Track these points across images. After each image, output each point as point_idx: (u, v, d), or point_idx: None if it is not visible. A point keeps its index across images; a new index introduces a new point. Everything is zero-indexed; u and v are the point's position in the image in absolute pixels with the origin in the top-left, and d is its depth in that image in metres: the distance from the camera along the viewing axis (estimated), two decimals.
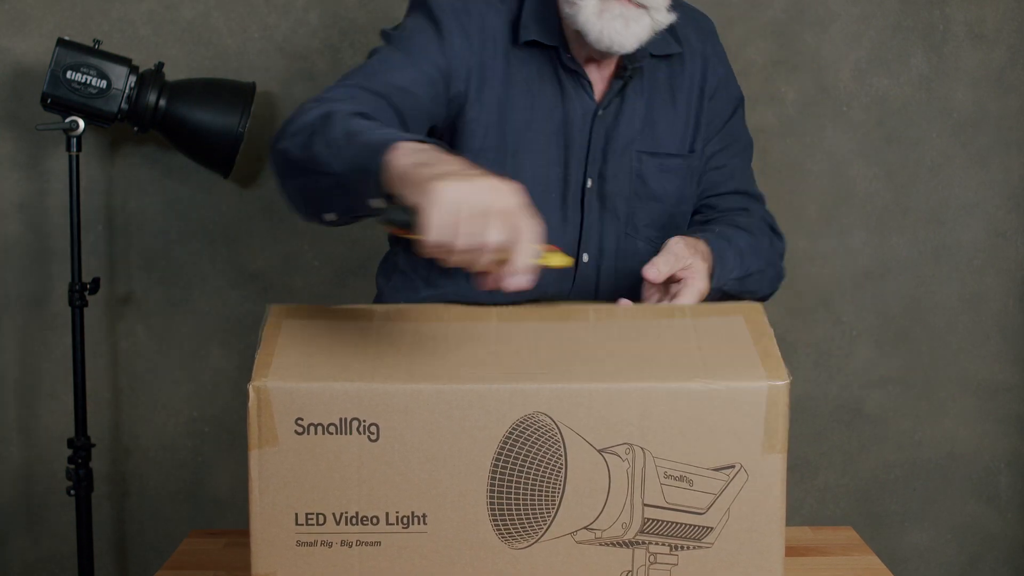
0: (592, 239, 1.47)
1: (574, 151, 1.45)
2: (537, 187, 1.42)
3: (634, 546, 1.05)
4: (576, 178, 1.45)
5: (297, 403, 1.03)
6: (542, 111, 1.44)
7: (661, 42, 1.45)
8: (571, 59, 1.43)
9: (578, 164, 1.45)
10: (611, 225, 1.47)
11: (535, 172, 1.44)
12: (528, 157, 1.43)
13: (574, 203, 1.46)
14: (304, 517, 1.04)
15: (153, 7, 2.34)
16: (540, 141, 1.44)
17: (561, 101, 1.44)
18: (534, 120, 1.44)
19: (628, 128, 1.46)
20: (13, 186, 2.38)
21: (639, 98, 1.47)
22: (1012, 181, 2.44)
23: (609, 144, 1.45)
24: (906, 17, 2.39)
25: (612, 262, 1.48)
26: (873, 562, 1.33)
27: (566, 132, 1.44)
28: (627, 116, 1.46)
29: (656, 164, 1.47)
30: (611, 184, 1.46)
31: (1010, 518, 2.52)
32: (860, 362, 2.47)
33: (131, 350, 2.43)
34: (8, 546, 2.47)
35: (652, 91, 1.48)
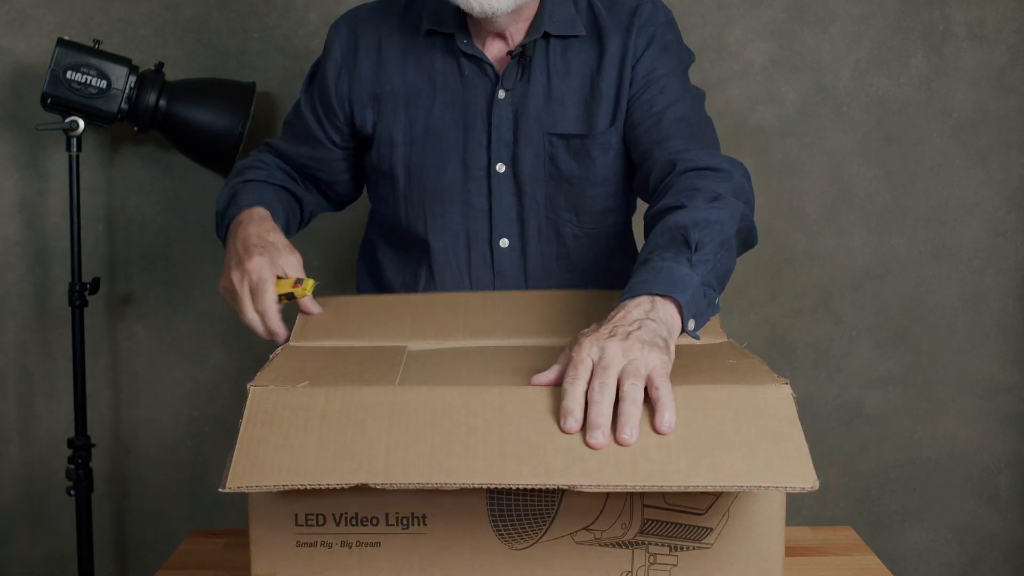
0: (511, 223, 1.48)
1: (475, 135, 1.46)
2: (436, 173, 1.46)
3: (634, 547, 1.05)
4: (479, 162, 1.46)
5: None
6: (443, 98, 1.46)
7: (563, 22, 1.46)
8: (468, 43, 1.46)
9: (480, 148, 1.46)
10: (531, 209, 1.47)
11: (437, 158, 1.47)
12: (430, 145, 1.46)
13: (478, 188, 1.46)
14: (304, 518, 1.04)
15: (153, 7, 2.34)
16: (442, 127, 1.46)
17: (461, 86, 1.46)
18: (435, 107, 1.46)
19: (538, 110, 1.45)
20: (13, 186, 2.38)
21: (546, 79, 1.46)
22: (1012, 181, 2.44)
23: (519, 127, 1.45)
24: (906, 17, 2.39)
25: (538, 245, 1.48)
26: (873, 562, 1.33)
27: (466, 117, 1.46)
28: (535, 97, 1.45)
29: (566, 146, 1.46)
30: (525, 168, 1.46)
31: (1010, 518, 2.52)
32: (860, 362, 2.47)
33: (131, 350, 2.43)
34: (8, 546, 2.47)
35: (560, 74, 1.46)
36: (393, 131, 1.48)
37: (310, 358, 1.15)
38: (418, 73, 1.48)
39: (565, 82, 1.46)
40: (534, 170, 1.46)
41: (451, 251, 1.49)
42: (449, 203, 1.47)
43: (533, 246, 1.48)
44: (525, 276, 1.49)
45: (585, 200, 1.48)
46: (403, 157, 1.48)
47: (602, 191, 1.49)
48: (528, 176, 1.46)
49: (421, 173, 1.47)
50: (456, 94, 1.46)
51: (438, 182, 1.47)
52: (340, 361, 1.14)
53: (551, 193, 1.47)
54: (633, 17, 1.47)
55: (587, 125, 1.46)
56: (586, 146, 1.46)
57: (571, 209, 1.48)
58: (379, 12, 1.53)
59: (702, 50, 2.38)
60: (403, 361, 1.13)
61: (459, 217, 1.47)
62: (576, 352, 1.01)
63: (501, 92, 1.45)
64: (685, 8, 2.38)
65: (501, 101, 1.45)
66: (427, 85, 1.47)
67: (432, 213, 1.48)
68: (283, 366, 1.12)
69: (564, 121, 1.46)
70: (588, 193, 1.48)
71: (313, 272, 1.50)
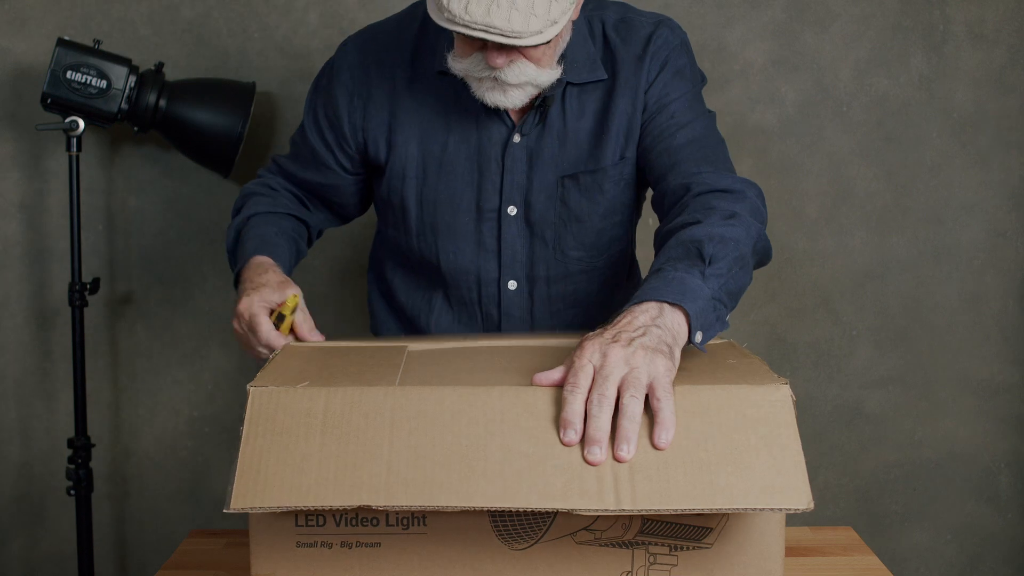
0: (520, 266, 1.49)
1: (488, 176, 1.45)
2: (450, 211, 1.47)
3: (634, 547, 1.05)
4: (491, 204, 1.46)
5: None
6: (456, 138, 1.46)
7: (583, 68, 1.44)
8: None
9: (493, 189, 1.46)
10: (541, 251, 1.48)
11: (450, 195, 1.47)
12: (444, 181, 1.46)
13: (490, 229, 1.47)
14: (304, 518, 1.04)
15: (153, 7, 2.34)
16: (456, 165, 1.46)
17: (476, 126, 1.45)
18: (450, 144, 1.46)
19: (551, 153, 1.45)
20: (13, 186, 2.38)
21: (563, 123, 1.45)
22: (1012, 181, 2.44)
23: (533, 171, 1.45)
24: (906, 17, 2.39)
25: (545, 288, 1.49)
26: (873, 562, 1.33)
27: (480, 157, 1.45)
28: (549, 141, 1.45)
29: (576, 186, 1.45)
30: (536, 210, 1.46)
31: (1010, 518, 2.52)
32: (860, 362, 2.47)
33: (131, 350, 2.43)
34: (8, 546, 2.47)
35: (578, 114, 1.45)
36: (406, 164, 1.47)
37: (310, 358, 1.15)
38: (434, 108, 1.46)
39: (580, 122, 1.45)
40: (545, 212, 1.46)
41: (463, 286, 1.51)
42: (462, 241, 1.48)
43: (540, 288, 1.50)
44: (531, 317, 1.51)
45: (593, 234, 1.49)
46: (415, 190, 1.48)
47: (609, 222, 1.50)
48: (539, 219, 1.47)
49: (434, 208, 1.48)
50: (471, 134, 1.46)
51: (452, 219, 1.47)
52: (340, 361, 1.14)
53: (560, 234, 1.48)
54: (647, 44, 1.45)
55: (597, 159, 1.45)
56: (597, 181, 1.46)
57: (579, 247, 1.49)
58: (392, 38, 1.50)
59: (702, 50, 2.38)
60: (403, 361, 1.13)
61: (471, 255, 1.49)
62: (578, 357, 1.01)
63: (516, 136, 1.45)
64: (685, 8, 2.38)
65: (516, 145, 1.45)
66: (441, 121, 1.46)
67: (444, 248, 1.49)
68: (283, 366, 1.12)
69: (576, 161, 1.45)
70: (596, 226, 1.49)
71: (314, 271, 1.53)
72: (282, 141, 2.39)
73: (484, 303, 1.50)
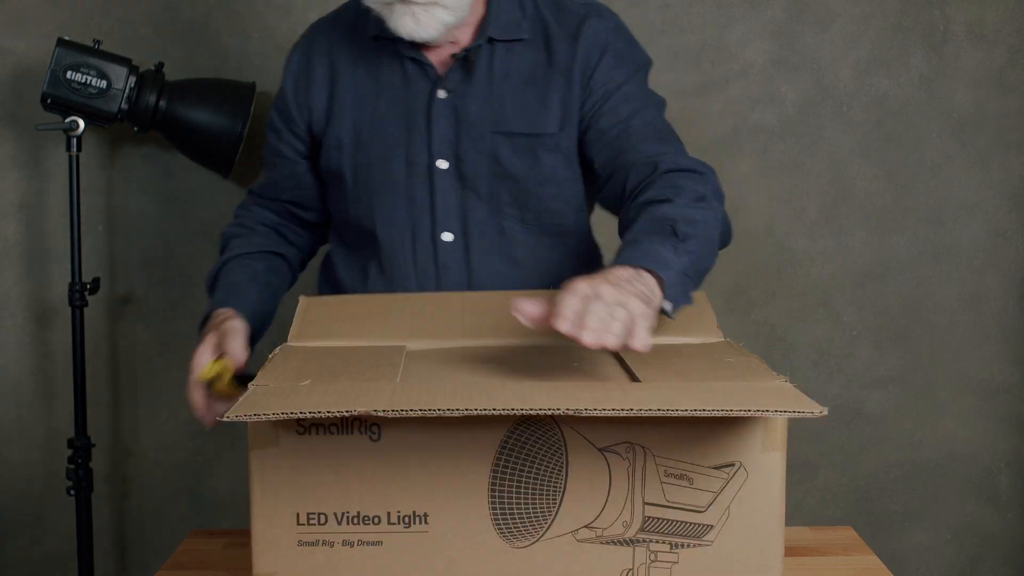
0: (454, 218, 1.50)
1: (417, 132, 1.49)
2: (382, 170, 1.51)
3: (635, 544, 1.05)
4: (421, 159, 1.50)
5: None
6: (387, 99, 1.51)
7: (508, 27, 1.49)
8: (409, 48, 1.49)
9: (422, 145, 1.49)
10: (474, 204, 1.50)
11: (381, 155, 1.51)
12: (376, 142, 1.51)
13: (422, 184, 1.50)
14: (305, 517, 1.04)
15: (153, 7, 2.34)
16: (386, 125, 1.51)
17: (405, 86, 1.50)
18: (379, 108, 1.51)
19: (479, 110, 1.48)
20: (13, 186, 2.38)
21: (490, 82, 1.49)
22: (1012, 181, 2.44)
23: (461, 125, 1.48)
24: (906, 17, 2.40)
25: (480, 240, 1.51)
26: (873, 562, 1.33)
27: (408, 115, 1.50)
28: (477, 98, 1.49)
29: (510, 145, 1.48)
30: (469, 164, 1.49)
31: (1010, 518, 2.52)
32: (860, 362, 2.48)
33: (131, 350, 2.43)
34: (8, 546, 2.46)
35: (504, 76, 1.49)
36: (341, 132, 1.53)
37: (309, 358, 1.15)
38: (366, 76, 1.53)
39: (508, 83, 1.49)
40: (476, 167, 1.49)
41: (397, 244, 1.52)
42: (395, 197, 1.51)
43: (475, 240, 1.51)
44: (468, 269, 1.51)
45: (529, 198, 1.50)
46: (350, 156, 1.52)
47: (547, 191, 1.51)
48: (470, 173, 1.49)
49: (368, 169, 1.52)
50: (399, 93, 1.51)
51: (383, 178, 1.51)
52: (339, 360, 1.14)
53: (494, 189, 1.50)
54: (581, 26, 1.50)
55: (532, 125, 1.48)
56: (532, 146, 1.48)
57: (514, 205, 1.51)
58: (331, 23, 1.59)
59: (702, 50, 2.38)
60: (402, 361, 1.13)
61: (404, 212, 1.51)
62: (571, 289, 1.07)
63: (441, 92, 1.49)
64: (685, 8, 2.38)
65: (441, 101, 1.49)
66: (373, 87, 1.52)
67: (379, 207, 1.52)
68: (282, 366, 1.12)
69: (507, 121, 1.48)
70: (532, 191, 1.50)
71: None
72: None
73: (419, 259, 1.51)
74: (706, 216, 1.27)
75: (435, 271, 1.51)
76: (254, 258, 1.58)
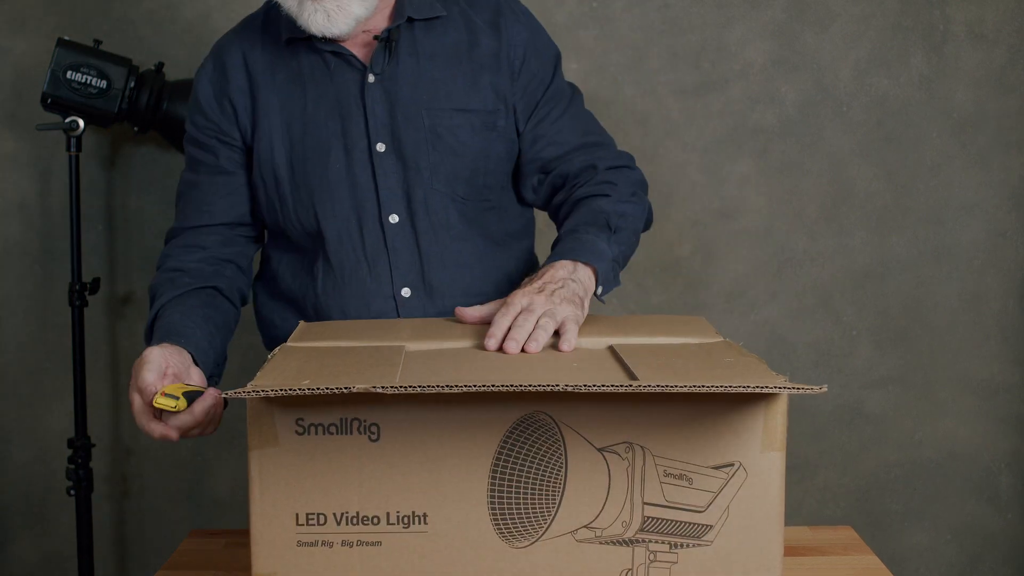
0: (397, 199, 1.51)
1: (352, 120, 1.50)
2: (320, 164, 1.51)
3: (634, 544, 1.05)
4: (359, 145, 1.50)
5: (297, 404, 1.03)
6: (314, 95, 1.52)
7: (423, 6, 1.52)
8: (325, 42, 1.50)
9: (359, 132, 1.50)
10: (416, 182, 1.51)
11: (317, 149, 1.51)
12: (309, 137, 1.51)
13: (362, 169, 1.50)
14: (305, 517, 1.04)
15: (153, 7, 2.34)
16: (318, 120, 1.51)
17: (330, 80, 1.51)
18: (308, 105, 1.52)
19: (411, 89, 1.51)
20: (13, 186, 2.38)
21: (416, 60, 1.51)
22: (1012, 181, 2.44)
23: (395, 106, 1.50)
24: (906, 17, 2.40)
25: (426, 218, 1.52)
26: (873, 562, 1.33)
27: (340, 106, 1.51)
28: (407, 78, 1.51)
29: (448, 119, 1.51)
30: (408, 144, 1.50)
31: (1010, 518, 2.52)
32: (860, 362, 2.47)
33: (131, 350, 2.43)
34: (8, 546, 2.47)
35: (429, 54, 1.52)
36: (272, 136, 1.52)
37: (309, 358, 1.15)
38: (287, 78, 1.53)
39: (434, 61, 1.52)
40: (415, 144, 1.50)
41: (344, 235, 1.52)
42: (337, 188, 1.51)
43: (422, 218, 1.51)
44: (418, 248, 1.52)
45: (467, 171, 1.53)
46: (285, 156, 1.52)
47: (482, 166, 1.54)
48: (410, 151, 1.50)
49: (304, 166, 1.52)
50: (326, 87, 1.51)
51: (323, 171, 1.51)
52: (339, 360, 1.14)
53: (434, 165, 1.51)
54: (498, 16, 1.55)
55: (466, 102, 1.52)
56: (468, 121, 1.52)
57: (455, 179, 1.52)
58: (238, 35, 1.59)
59: (702, 50, 2.38)
60: (402, 360, 1.13)
61: (348, 200, 1.51)
62: (510, 299, 1.26)
63: (371, 77, 1.50)
64: (685, 8, 2.38)
65: (372, 85, 1.50)
66: (297, 87, 1.52)
67: (321, 201, 1.51)
68: (282, 365, 1.12)
69: (440, 98, 1.51)
70: (469, 165, 1.53)
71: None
72: None
73: (368, 245, 1.51)
74: (635, 211, 1.49)
75: (386, 255, 1.51)
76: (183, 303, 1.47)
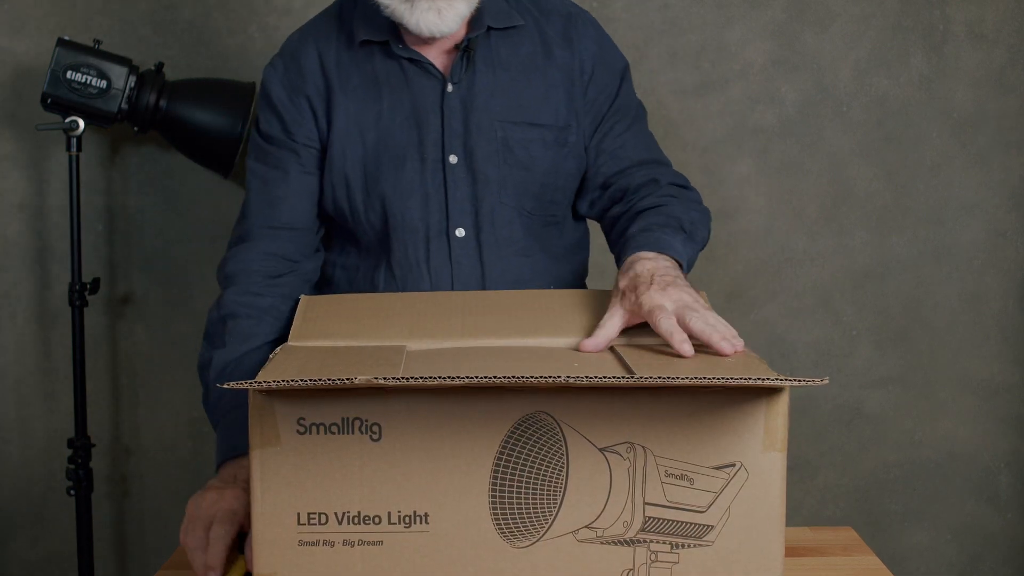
0: (466, 213, 1.50)
1: (428, 131, 1.49)
2: (394, 171, 1.49)
3: (635, 544, 1.05)
4: (433, 156, 1.49)
5: (299, 403, 1.03)
6: (390, 102, 1.49)
7: (501, 15, 1.51)
8: (403, 48, 1.49)
9: (434, 143, 1.49)
10: (484, 195, 1.50)
11: (392, 159, 1.49)
12: (383, 144, 1.49)
13: (435, 181, 1.49)
14: (306, 517, 1.04)
15: (153, 7, 2.34)
16: (393, 127, 1.49)
17: (407, 86, 1.49)
18: (384, 111, 1.49)
19: (486, 100, 1.49)
20: (13, 186, 2.38)
21: (492, 71, 1.50)
22: (1012, 181, 2.44)
23: (469, 117, 1.49)
24: (906, 17, 2.40)
25: (492, 232, 1.51)
26: (873, 562, 1.33)
27: (416, 115, 1.49)
28: (483, 89, 1.49)
29: (520, 133, 1.50)
30: (479, 156, 1.49)
31: (1010, 518, 2.53)
32: (860, 362, 2.48)
33: (131, 350, 2.43)
34: (8, 546, 2.46)
35: (505, 65, 1.51)
36: (346, 140, 1.50)
37: (309, 358, 1.15)
38: (362, 83, 1.50)
39: (509, 73, 1.50)
40: (486, 157, 1.49)
41: (411, 246, 1.50)
42: (409, 198, 1.49)
43: (487, 233, 1.50)
44: (481, 264, 1.51)
45: (536, 186, 1.52)
46: (360, 162, 1.50)
47: (552, 181, 1.53)
48: (480, 164, 1.49)
49: (378, 174, 1.49)
50: (402, 95, 1.49)
51: (396, 181, 1.49)
52: (339, 361, 1.14)
53: (503, 177, 1.50)
54: (570, 29, 1.54)
55: (538, 116, 1.51)
56: (542, 136, 1.50)
57: (523, 194, 1.51)
58: (311, 34, 1.56)
59: (702, 50, 2.38)
60: (403, 361, 1.13)
61: (418, 211, 1.49)
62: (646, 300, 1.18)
63: (449, 86, 1.49)
64: (685, 8, 2.38)
65: (450, 95, 1.49)
66: (372, 92, 1.50)
67: (392, 211, 1.50)
68: (283, 364, 1.12)
69: (514, 110, 1.50)
70: (539, 180, 1.52)
71: None
72: None
73: (433, 258, 1.50)
74: (702, 220, 1.47)
75: (449, 269, 1.50)
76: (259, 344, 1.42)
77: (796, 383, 0.96)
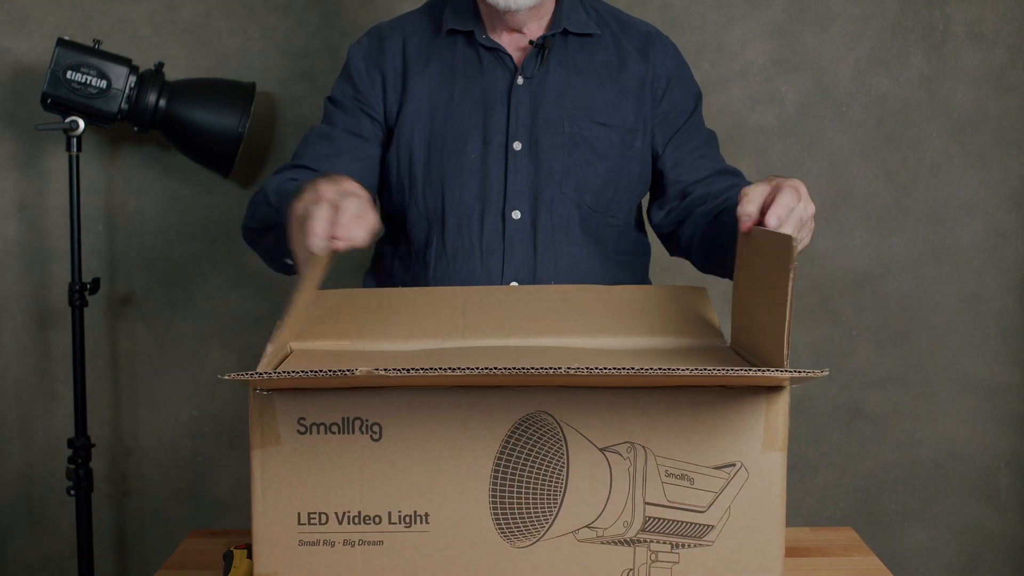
0: (524, 197, 1.55)
1: (495, 117, 1.56)
2: (456, 152, 1.55)
3: (635, 544, 1.05)
4: (498, 141, 1.55)
5: (299, 403, 1.03)
6: (462, 86, 1.57)
7: (579, 23, 1.59)
8: (487, 38, 1.58)
9: (498, 127, 1.55)
10: (545, 184, 1.55)
11: (456, 138, 1.56)
12: (450, 126, 1.56)
13: (496, 163, 1.55)
14: (306, 517, 1.04)
15: (153, 7, 2.34)
16: (462, 111, 1.56)
17: (481, 74, 1.57)
18: (455, 95, 1.57)
19: (558, 97, 1.56)
20: (13, 186, 2.38)
21: (566, 72, 1.58)
22: (1012, 181, 2.44)
23: (538, 110, 1.55)
24: (906, 17, 2.40)
25: (548, 218, 1.55)
26: (873, 562, 1.33)
27: (485, 101, 1.56)
28: (555, 86, 1.57)
29: (589, 130, 1.56)
30: (544, 146, 1.55)
31: (1010, 518, 2.53)
32: (860, 362, 2.48)
33: (131, 350, 2.43)
34: (8, 546, 2.46)
35: (579, 69, 1.58)
36: (416, 119, 1.57)
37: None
38: (439, 68, 1.58)
39: (582, 76, 1.58)
40: (551, 148, 1.55)
41: (464, 222, 1.55)
42: (468, 177, 1.55)
43: (544, 218, 1.55)
44: (534, 246, 1.55)
45: (598, 181, 1.57)
46: (425, 140, 1.56)
47: (615, 179, 1.58)
48: (545, 154, 1.55)
49: (441, 151, 1.56)
50: (475, 81, 1.57)
51: (458, 159, 1.55)
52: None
53: (566, 169, 1.55)
54: (648, 47, 1.62)
55: (606, 116, 1.57)
56: (608, 135, 1.57)
57: (585, 187, 1.57)
58: (400, 22, 1.65)
59: (702, 50, 2.38)
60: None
61: (475, 190, 1.55)
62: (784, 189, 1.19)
63: (520, 79, 1.56)
64: (685, 8, 2.38)
65: (520, 87, 1.56)
66: (447, 77, 1.58)
67: (450, 188, 1.55)
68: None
69: (582, 109, 1.57)
70: (602, 176, 1.57)
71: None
72: (282, 141, 2.39)
73: (486, 235, 1.55)
74: None
75: (502, 248, 1.55)
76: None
77: (795, 374, 0.97)
